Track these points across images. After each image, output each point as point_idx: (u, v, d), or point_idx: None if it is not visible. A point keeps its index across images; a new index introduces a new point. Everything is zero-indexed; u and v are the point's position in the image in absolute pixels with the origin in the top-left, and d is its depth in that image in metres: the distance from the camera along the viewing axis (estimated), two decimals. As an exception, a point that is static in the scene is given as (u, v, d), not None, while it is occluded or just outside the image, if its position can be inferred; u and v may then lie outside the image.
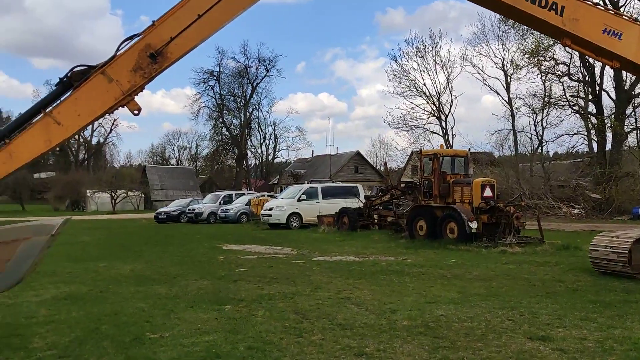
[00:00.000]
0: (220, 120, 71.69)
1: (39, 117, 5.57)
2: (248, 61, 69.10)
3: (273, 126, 75.60)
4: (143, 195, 62.72)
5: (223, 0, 5.75)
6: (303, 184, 30.90)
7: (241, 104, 72.32)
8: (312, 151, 73.18)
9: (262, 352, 5.32)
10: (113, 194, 55.52)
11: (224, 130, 72.87)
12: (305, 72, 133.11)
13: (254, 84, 71.05)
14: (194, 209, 33.73)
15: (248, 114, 72.47)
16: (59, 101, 5.69)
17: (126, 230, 26.98)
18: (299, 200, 25.18)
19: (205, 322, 6.60)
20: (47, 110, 5.55)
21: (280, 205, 25.28)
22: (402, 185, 21.33)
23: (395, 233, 18.40)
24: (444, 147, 19.97)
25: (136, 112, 5.82)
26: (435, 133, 45.55)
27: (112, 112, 5.93)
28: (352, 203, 23.11)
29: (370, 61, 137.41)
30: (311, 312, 7.07)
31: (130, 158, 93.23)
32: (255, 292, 8.64)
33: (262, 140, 76.39)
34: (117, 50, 5.68)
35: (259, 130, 75.92)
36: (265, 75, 70.38)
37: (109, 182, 56.67)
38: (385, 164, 37.35)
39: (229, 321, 6.65)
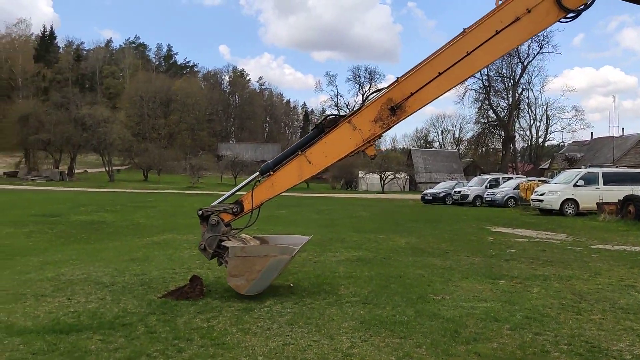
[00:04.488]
0: (487, 102, 70.37)
1: (295, 155, 6.69)
2: (519, 39, 65.87)
3: (545, 106, 71.57)
4: (408, 177, 65.77)
5: (463, 60, 6.07)
6: (579, 168, 28.57)
7: (509, 84, 69.83)
8: (591, 133, 66.51)
9: (539, 322, 5.63)
10: (382, 175, 59.64)
11: (490, 112, 71.36)
12: (583, 45, 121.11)
13: (525, 63, 67.91)
14: (459, 192, 34.21)
15: (517, 94, 69.60)
16: (311, 143, 6.68)
17: (396, 208, 28.97)
18: (575, 185, 23.49)
19: (481, 292, 7.13)
20: (302, 151, 6.65)
21: (554, 190, 23.96)
22: None
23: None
24: None
25: (372, 156, 6.64)
26: None
27: (352, 155, 6.78)
28: (640, 190, 20.63)
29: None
30: (590, 295, 7.00)
31: (395, 142, 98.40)
32: (528, 271, 8.79)
33: (531, 122, 72.83)
34: (364, 102, 6.52)
35: (528, 111, 72.57)
36: (537, 53, 66.62)
37: (378, 164, 60.91)
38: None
39: (504, 293, 7.06)
